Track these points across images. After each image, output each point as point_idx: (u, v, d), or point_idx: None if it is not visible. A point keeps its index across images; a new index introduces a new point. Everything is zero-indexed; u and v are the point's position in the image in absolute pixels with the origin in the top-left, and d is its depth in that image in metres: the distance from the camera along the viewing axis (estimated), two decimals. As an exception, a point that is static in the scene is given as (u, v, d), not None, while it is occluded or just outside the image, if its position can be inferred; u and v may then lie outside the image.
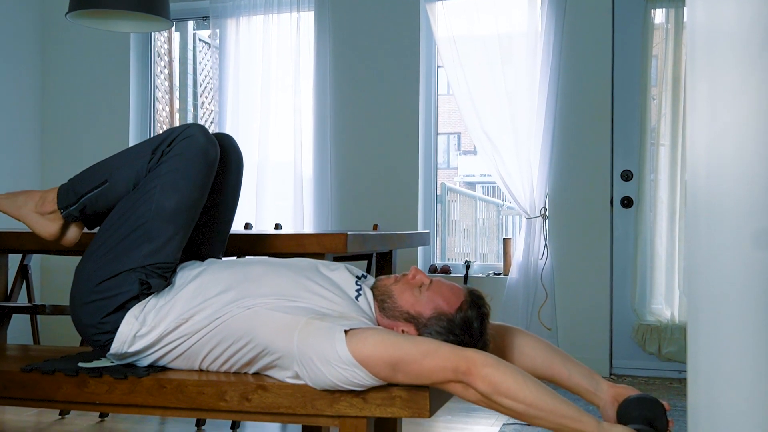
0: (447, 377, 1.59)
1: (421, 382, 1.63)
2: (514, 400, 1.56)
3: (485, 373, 1.56)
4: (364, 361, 1.61)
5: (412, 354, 1.60)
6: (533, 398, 1.56)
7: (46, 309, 3.25)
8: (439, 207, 4.76)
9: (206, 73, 5.53)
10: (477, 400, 1.60)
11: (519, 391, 1.56)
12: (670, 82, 4.17)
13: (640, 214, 4.18)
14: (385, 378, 1.63)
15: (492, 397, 1.57)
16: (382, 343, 1.62)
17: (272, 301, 1.74)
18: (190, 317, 1.78)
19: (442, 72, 4.67)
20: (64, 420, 3.18)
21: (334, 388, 1.66)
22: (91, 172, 1.94)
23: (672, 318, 4.14)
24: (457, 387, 1.60)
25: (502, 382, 1.56)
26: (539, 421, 1.58)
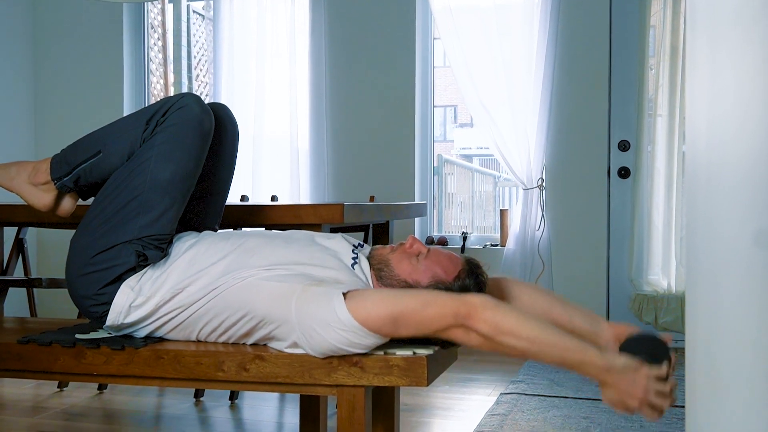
0: (448, 323, 1.59)
1: (423, 333, 1.62)
2: (517, 337, 1.55)
3: (486, 314, 1.56)
4: (365, 320, 1.60)
5: (412, 305, 1.61)
6: (535, 334, 1.56)
7: (43, 282, 3.24)
8: (436, 179, 4.74)
9: (200, 45, 5.48)
10: (479, 344, 1.59)
11: (520, 328, 1.56)
12: (668, 52, 4.14)
13: (638, 184, 4.18)
14: (388, 334, 1.63)
15: (494, 338, 1.56)
16: (381, 300, 1.62)
17: (266, 271, 1.73)
18: (184, 288, 1.78)
19: (438, 44, 4.63)
20: (62, 392, 3.19)
21: (337, 352, 1.65)
22: (84, 142, 1.92)
23: (668, 288, 4.15)
24: (458, 332, 1.60)
25: (503, 322, 1.56)
26: (543, 356, 1.58)
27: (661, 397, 1.54)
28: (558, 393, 3.11)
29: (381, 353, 1.68)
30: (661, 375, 1.55)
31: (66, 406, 2.99)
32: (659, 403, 1.54)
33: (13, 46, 4.86)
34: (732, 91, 1.03)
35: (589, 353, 1.55)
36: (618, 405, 1.56)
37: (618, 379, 1.54)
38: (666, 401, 1.55)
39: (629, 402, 1.54)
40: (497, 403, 2.95)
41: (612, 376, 1.54)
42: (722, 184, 1.13)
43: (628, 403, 1.54)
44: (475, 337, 1.59)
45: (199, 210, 2.02)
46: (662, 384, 1.55)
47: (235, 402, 3.04)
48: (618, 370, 1.54)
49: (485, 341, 1.58)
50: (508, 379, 3.39)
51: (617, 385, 1.54)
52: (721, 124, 1.08)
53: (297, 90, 4.54)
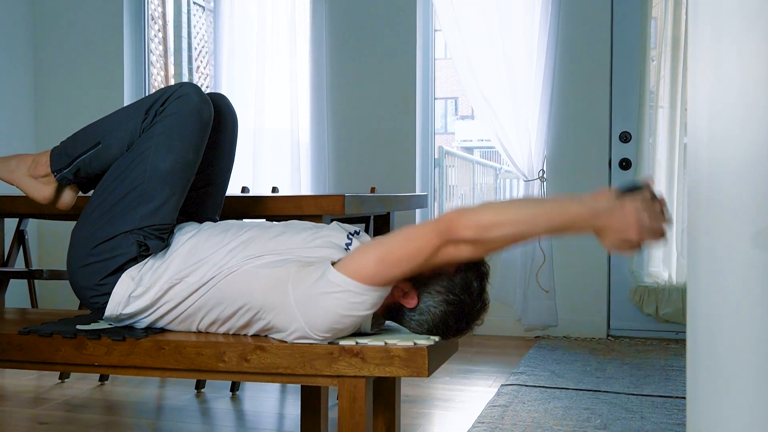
0: (434, 244, 1.59)
1: (417, 265, 1.61)
2: (502, 225, 1.56)
3: (465, 219, 1.57)
4: (355, 273, 1.61)
5: (395, 242, 1.62)
6: (517, 215, 1.57)
7: (44, 274, 3.24)
8: (437, 171, 4.74)
9: (201, 36, 5.47)
10: (471, 252, 1.60)
11: (501, 216, 1.57)
12: (670, 44, 4.13)
13: (639, 176, 4.17)
14: (380, 279, 1.62)
15: (483, 237, 1.56)
16: (365, 250, 1.64)
17: (260, 259, 1.74)
18: (183, 278, 1.78)
19: (439, 35, 4.62)
20: (63, 384, 3.20)
21: (340, 323, 1.64)
22: (84, 133, 1.92)
23: (669, 279, 4.15)
24: (449, 250, 1.59)
25: (483, 218, 1.57)
26: (533, 231, 1.58)
27: (655, 218, 1.53)
28: (559, 384, 3.12)
29: (381, 344, 1.68)
30: (645, 197, 1.54)
31: (67, 398, 2.99)
32: (656, 225, 1.53)
33: (13, 38, 4.85)
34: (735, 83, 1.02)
35: (572, 208, 1.55)
36: (621, 246, 1.55)
37: (608, 220, 1.53)
38: (661, 219, 1.54)
39: (629, 235, 1.52)
40: (498, 395, 2.95)
41: (601, 219, 1.53)
42: (724, 176, 1.12)
43: (628, 237, 1.52)
44: (465, 247, 1.59)
45: (199, 200, 2.02)
46: (651, 205, 1.53)
47: (236, 393, 3.04)
48: (604, 210, 1.52)
49: (477, 245, 1.58)
50: (508, 371, 3.39)
51: (611, 226, 1.53)
52: (724, 116, 1.07)
53: (297, 82, 4.53)
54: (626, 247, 1.55)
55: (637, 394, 2.97)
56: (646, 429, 2.54)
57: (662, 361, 3.58)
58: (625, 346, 3.98)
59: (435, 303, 1.70)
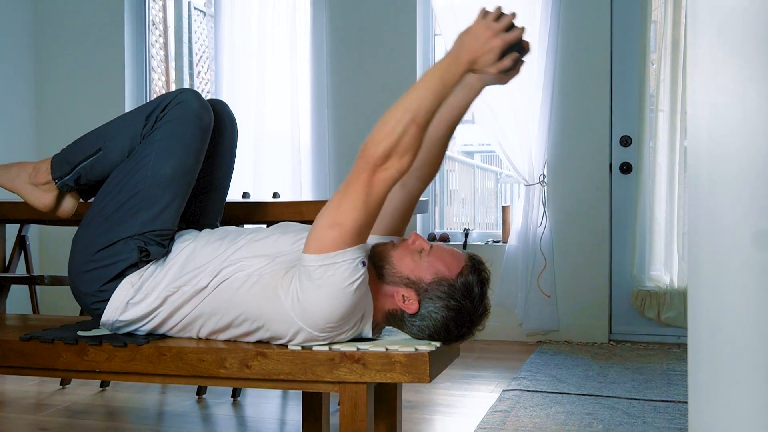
0: (364, 177, 1.63)
1: (365, 207, 1.63)
2: (398, 121, 1.63)
3: (369, 141, 1.63)
4: (318, 247, 1.62)
5: (334, 200, 1.66)
6: (401, 103, 1.66)
7: (45, 279, 3.24)
8: (438, 176, 4.74)
9: (202, 42, 5.48)
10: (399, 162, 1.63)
11: (391, 115, 1.64)
12: (669, 48, 4.14)
13: (639, 179, 4.17)
14: (346, 237, 1.62)
15: (393, 141, 1.61)
16: (315, 223, 1.66)
17: (250, 267, 1.74)
18: (179, 287, 1.78)
19: (439, 40, 4.62)
20: (65, 390, 3.20)
21: (336, 308, 1.64)
22: (84, 140, 1.92)
23: (671, 283, 4.15)
24: (380, 176, 1.63)
25: (381, 129, 1.63)
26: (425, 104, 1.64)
27: (503, 19, 1.65)
28: (560, 389, 3.11)
29: (383, 350, 1.68)
30: (483, 12, 1.66)
31: (68, 404, 2.99)
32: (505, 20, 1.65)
33: (14, 43, 4.86)
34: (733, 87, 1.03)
35: (439, 64, 1.67)
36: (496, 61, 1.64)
37: (468, 48, 1.63)
38: (510, 16, 1.66)
39: (489, 45, 1.62)
40: (500, 400, 2.95)
41: (462, 53, 1.63)
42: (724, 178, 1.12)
43: (490, 47, 1.62)
44: (391, 163, 1.62)
45: (199, 206, 2.02)
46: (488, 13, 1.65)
47: (237, 399, 3.04)
48: (460, 45, 1.64)
49: (395, 154, 1.62)
50: (510, 376, 3.39)
51: (473, 50, 1.63)
52: (723, 119, 1.07)
53: (298, 86, 4.53)
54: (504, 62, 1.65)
55: (639, 398, 2.97)
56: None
57: (664, 366, 3.58)
58: (626, 350, 3.97)
59: (436, 308, 1.70)
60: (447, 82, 1.65)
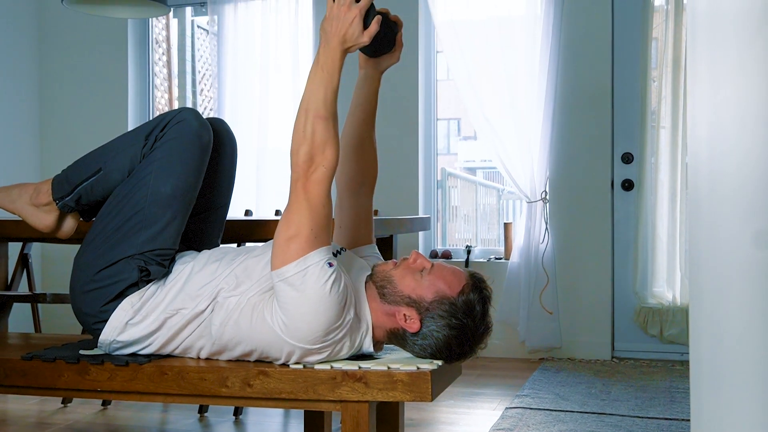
0: (301, 183, 1.68)
1: (315, 210, 1.67)
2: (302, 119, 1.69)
3: (292, 153, 1.70)
4: (282, 260, 1.65)
5: (284, 217, 1.69)
6: (301, 103, 1.72)
7: (47, 298, 3.24)
8: (440, 192, 4.74)
9: (205, 60, 5.51)
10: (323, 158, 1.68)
11: (298, 118, 1.70)
12: (670, 65, 4.15)
13: (641, 196, 4.17)
14: (306, 246, 1.64)
15: (307, 141, 1.68)
16: (275, 242, 1.69)
17: (246, 291, 1.75)
18: (177, 310, 1.79)
19: (441, 57, 4.64)
20: (66, 408, 3.19)
21: (323, 316, 1.64)
22: (84, 161, 1.93)
23: (673, 300, 4.14)
24: (313, 177, 1.68)
25: (294, 136, 1.70)
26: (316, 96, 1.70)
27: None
28: (563, 407, 3.10)
29: (384, 368, 1.68)
30: None
31: (70, 422, 2.98)
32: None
33: (18, 61, 4.89)
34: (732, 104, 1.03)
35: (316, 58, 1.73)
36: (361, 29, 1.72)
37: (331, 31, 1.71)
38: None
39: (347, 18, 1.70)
40: (502, 418, 2.93)
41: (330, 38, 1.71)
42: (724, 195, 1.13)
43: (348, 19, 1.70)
44: (318, 162, 1.68)
45: (200, 225, 2.02)
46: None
47: (239, 417, 3.03)
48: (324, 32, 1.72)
49: (317, 153, 1.68)
50: (513, 393, 3.38)
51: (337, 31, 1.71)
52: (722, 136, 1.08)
53: (300, 104, 4.54)
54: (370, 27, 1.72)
55: (642, 416, 2.96)
56: (652, 452, 2.52)
57: (667, 383, 3.56)
58: (629, 367, 3.96)
59: (438, 327, 1.70)
60: (328, 69, 1.71)
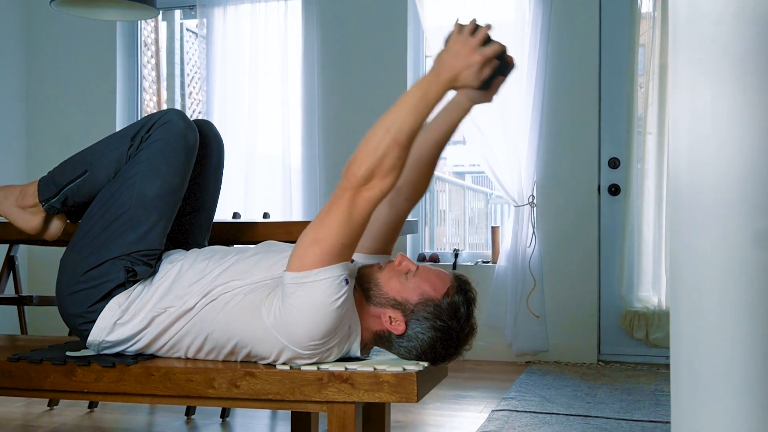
0: (347, 197, 1.62)
1: (350, 227, 1.63)
2: (380, 140, 1.62)
3: (353, 162, 1.63)
4: (300, 265, 1.62)
5: (317, 218, 1.65)
6: (384, 122, 1.64)
7: (33, 300, 3.24)
8: (428, 196, 4.76)
9: (193, 63, 5.51)
10: (383, 182, 1.62)
11: (373, 134, 1.63)
12: (657, 71, 4.19)
13: (628, 201, 4.21)
14: (327, 255, 1.61)
15: (375, 161, 1.61)
16: (298, 242, 1.66)
17: (239, 288, 1.76)
18: (165, 308, 1.79)
19: (430, 62, 4.67)
20: (52, 411, 3.18)
21: (320, 325, 1.64)
22: (70, 162, 1.93)
23: (659, 304, 4.17)
24: (363, 195, 1.63)
25: (364, 148, 1.63)
26: (407, 123, 1.63)
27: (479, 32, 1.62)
28: (549, 409, 3.12)
29: (371, 369, 1.69)
30: (458, 29, 1.63)
31: (56, 425, 2.97)
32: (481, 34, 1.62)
33: (6, 63, 4.88)
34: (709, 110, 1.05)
35: (420, 83, 1.64)
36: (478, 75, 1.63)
37: (447, 66, 1.62)
38: (485, 29, 1.63)
39: (469, 60, 1.61)
40: (489, 420, 2.95)
41: (442, 71, 1.62)
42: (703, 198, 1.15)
43: (470, 62, 1.61)
44: (374, 183, 1.62)
45: (187, 226, 2.03)
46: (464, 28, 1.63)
47: (226, 420, 3.03)
48: (440, 63, 1.63)
49: (380, 175, 1.62)
50: (499, 396, 3.39)
51: (453, 68, 1.62)
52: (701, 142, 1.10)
53: (289, 108, 4.56)
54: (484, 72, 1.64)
55: (627, 419, 2.98)
56: (636, 454, 2.54)
57: (652, 386, 3.59)
58: (615, 371, 3.98)
59: (423, 329, 1.71)
60: (428, 101, 1.65)
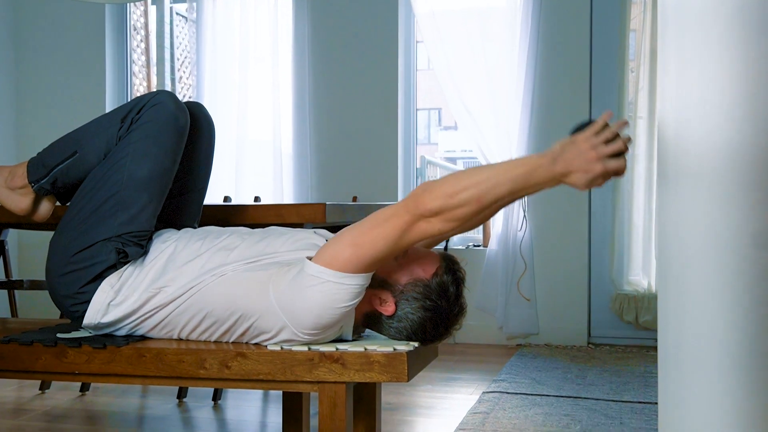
0: (405, 220, 1.59)
1: (391, 245, 1.62)
2: (465, 189, 1.56)
3: (428, 192, 1.58)
4: (330, 261, 1.62)
5: (367, 224, 1.63)
6: (477, 176, 1.58)
7: (24, 284, 3.23)
8: (419, 181, 4.76)
9: (184, 47, 5.48)
10: (443, 225, 1.60)
11: (462, 181, 1.58)
12: (648, 56, 4.19)
13: (618, 185, 4.22)
14: (359, 265, 1.61)
15: (449, 205, 1.57)
16: (338, 237, 1.65)
17: (241, 265, 1.76)
18: (161, 288, 1.79)
19: (421, 47, 4.66)
20: (44, 395, 3.18)
21: (324, 317, 1.65)
22: (60, 143, 1.93)
23: (649, 287, 4.20)
24: (420, 225, 1.60)
25: (445, 187, 1.58)
26: (498, 189, 1.56)
27: (611, 144, 1.53)
28: (539, 391, 3.14)
29: (361, 350, 1.70)
30: (596, 128, 1.55)
31: (47, 408, 2.98)
32: (614, 148, 1.53)
33: (-5, 48, 4.84)
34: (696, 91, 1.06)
35: (530, 160, 1.57)
36: (590, 182, 1.54)
37: (567, 160, 1.53)
38: (618, 143, 1.54)
39: (590, 167, 1.53)
40: (479, 402, 2.97)
41: (560, 162, 1.54)
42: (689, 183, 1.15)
43: (590, 169, 1.53)
44: (435, 221, 1.59)
45: (177, 208, 2.03)
46: (604, 133, 1.54)
47: (218, 402, 3.04)
48: (561, 153, 1.54)
49: (445, 216, 1.58)
50: (490, 378, 3.42)
51: (571, 165, 1.53)
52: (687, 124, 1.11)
53: (280, 92, 4.55)
54: (597, 181, 1.55)
55: (617, 400, 3.00)
56: (625, 434, 2.57)
57: (641, 368, 3.62)
58: (605, 353, 4.01)
59: (412, 309, 1.72)
60: (530, 181, 1.57)
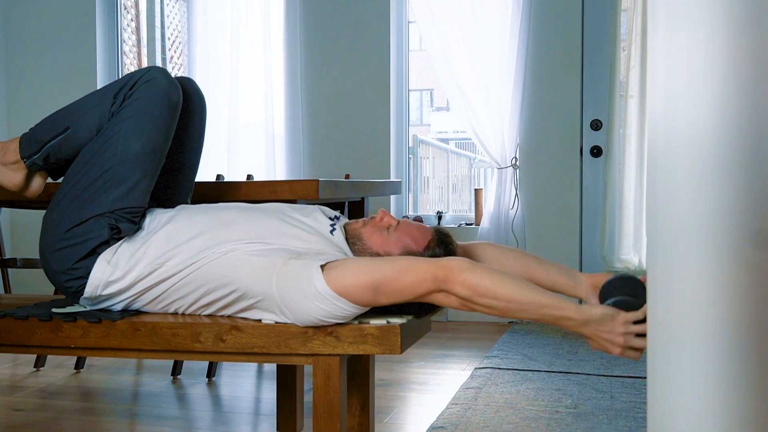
0: (428, 288, 1.62)
1: (404, 299, 1.66)
2: (494, 298, 1.60)
3: (463, 277, 1.60)
4: (344, 292, 1.64)
5: (391, 273, 1.64)
6: (511, 294, 1.60)
7: (17, 262, 3.24)
8: (412, 159, 4.78)
9: (174, 27, 5.45)
10: (459, 306, 1.64)
11: (497, 289, 1.59)
12: (640, 34, 4.20)
13: (609, 163, 4.24)
14: (368, 303, 1.66)
15: (473, 300, 1.60)
16: (359, 270, 1.65)
17: (248, 245, 1.76)
18: (164, 262, 1.80)
19: (413, 27, 4.65)
20: (39, 372, 3.20)
21: (320, 323, 1.69)
22: (52, 119, 1.93)
23: (640, 265, 4.23)
24: (439, 296, 1.64)
25: (480, 284, 1.59)
26: (521, 314, 1.61)
27: (641, 338, 1.58)
28: (531, 367, 3.17)
29: (355, 323, 1.72)
30: (638, 317, 1.59)
31: (42, 385, 3.00)
32: (639, 344, 1.59)
33: (-16, 27, 4.80)
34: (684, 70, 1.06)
35: (566, 309, 1.59)
36: (602, 350, 1.62)
37: (597, 330, 1.59)
38: (645, 341, 1.57)
39: (611, 348, 1.59)
40: (472, 377, 3.00)
41: (590, 328, 1.59)
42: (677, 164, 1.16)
43: (609, 349, 1.60)
44: (455, 300, 1.63)
45: (169, 184, 2.03)
46: (640, 326, 1.58)
47: (212, 379, 3.06)
48: (596, 321, 1.58)
49: (465, 303, 1.63)
50: (482, 355, 3.45)
51: (597, 335, 1.59)
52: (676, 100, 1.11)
53: (272, 73, 4.54)
54: (606, 351, 1.62)
55: (607, 375, 3.04)
56: (616, 407, 2.60)
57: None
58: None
59: None
60: (555, 323, 1.62)
